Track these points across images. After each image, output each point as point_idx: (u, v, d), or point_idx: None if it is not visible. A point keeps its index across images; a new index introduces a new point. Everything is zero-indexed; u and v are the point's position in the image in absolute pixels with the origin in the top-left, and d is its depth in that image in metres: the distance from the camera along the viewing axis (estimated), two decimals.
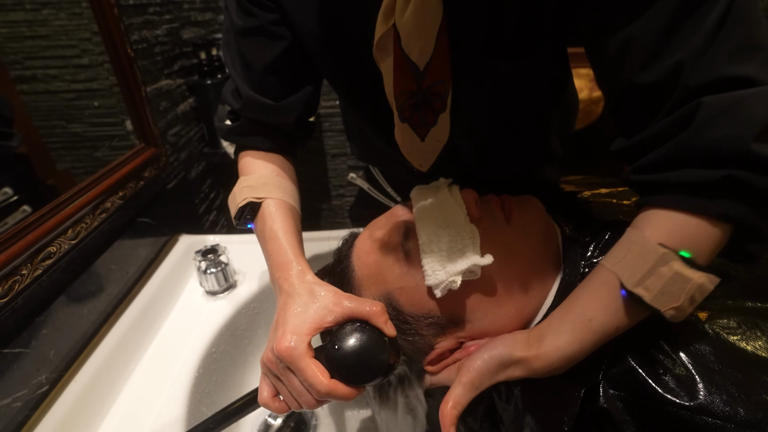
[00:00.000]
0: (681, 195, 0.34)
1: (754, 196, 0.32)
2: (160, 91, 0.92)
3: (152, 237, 0.79)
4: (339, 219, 1.81)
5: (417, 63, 0.38)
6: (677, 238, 0.34)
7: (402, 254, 0.43)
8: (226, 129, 0.57)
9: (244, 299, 0.74)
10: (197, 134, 1.11)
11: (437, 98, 0.41)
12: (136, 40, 0.83)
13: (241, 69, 0.52)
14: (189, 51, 1.07)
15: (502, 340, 0.40)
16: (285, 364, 0.38)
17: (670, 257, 0.33)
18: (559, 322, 0.38)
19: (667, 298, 0.33)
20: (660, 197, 0.35)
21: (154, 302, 0.70)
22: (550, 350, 0.37)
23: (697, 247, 0.34)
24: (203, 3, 1.19)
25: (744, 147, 0.31)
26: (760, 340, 0.36)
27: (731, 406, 0.33)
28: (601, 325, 0.36)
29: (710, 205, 0.33)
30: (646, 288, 0.34)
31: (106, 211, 0.65)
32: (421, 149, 0.45)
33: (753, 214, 0.33)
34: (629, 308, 0.35)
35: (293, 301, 0.41)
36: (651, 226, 0.35)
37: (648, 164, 0.36)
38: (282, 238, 0.47)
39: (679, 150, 0.33)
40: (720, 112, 0.31)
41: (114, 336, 0.62)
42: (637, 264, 0.34)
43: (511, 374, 0.39)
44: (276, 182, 0.53)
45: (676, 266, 0.33)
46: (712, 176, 0.32)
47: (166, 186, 0.87)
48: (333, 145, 1.63)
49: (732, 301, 0.40)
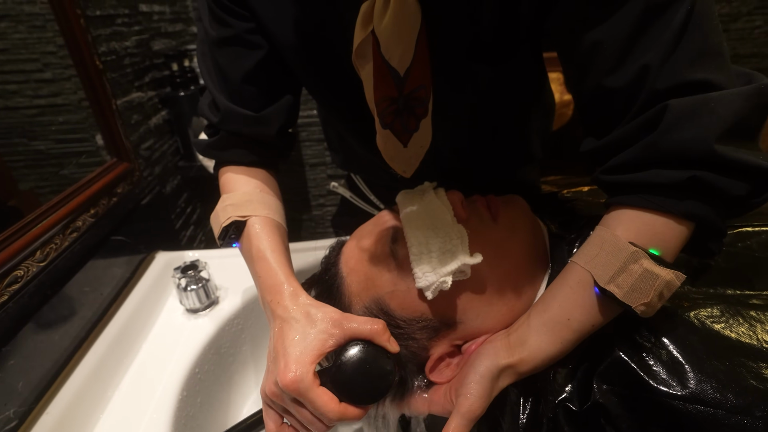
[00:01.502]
0: (649, 195, 0.35)
1: (716, 196, 0.34)
2: (131, 104, 0.89)
3: (127, 255, 0.75)
4: (320, 229, 1.79)
5: (397, 69, 0.38)
6: (646, 236, 0.35)
7: (391, 259, 0.43)
8: (204, 144, 0.54)
9: (227, 316, 0.71)
10: (171, 147, 1.08)
11: (418, 103, 0.41)
12: (104, 52, 0.80)
13: (218, 80, 0.50)
14: (160, 62, 1.04)
15: (484, 354, 0.39)
16: (292, 396, 0.37)
17: (640, 255, 0.34)
18: (539, 323, 0.38)
19: (637, 294, 0.34)
20: (629, 197, 0.37)
21: (131, 324, 0.66)
22: (534, 352, 0.38)
23: (664, 245, 0.35)
24: (174, 14, 1.16)
25: (709, 149, 0.32)
26: (742, 327, 0.37)
27: (721, 393, 0.34)
28: (579, 324, 0.37)
29: (677, 204, 0.35)
30: (618, 285, 0.35)
31: (77, 230, 0.62)
32: (404, 155, 0.45)
33: (714, 213, 0.35)
34: (603, 305, 0.37)
35: (290, 327, 0.39)
36: (621, 225, 0.37)
37: (617, 165, 0.37)
38: (270, 258, 0.45)
39: (646, 151, 0.35)
40: (685, 115, 0.32)
41: (89, 362, 0.58)
42: (609, 262, 0.35)
43: (501, 385, 0.39)
44: (260, 198, 0.51)
45: (646, 264, 0.34)
46: (679, 177, 0.33)
47: (141, 202, 0.84)
48: (311, 154, 1.62)
49: (713, 290, 0.41)
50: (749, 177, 0.33)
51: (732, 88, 0.33)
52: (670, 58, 0.33)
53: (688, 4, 0.32)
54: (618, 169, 0.37)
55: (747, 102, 0.32)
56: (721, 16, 1.41)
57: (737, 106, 0.32)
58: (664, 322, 0.38)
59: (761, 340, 0.35)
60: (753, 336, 0.35)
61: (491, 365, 0.38)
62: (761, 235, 0.43)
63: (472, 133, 0.56)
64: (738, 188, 0.33)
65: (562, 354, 0.38)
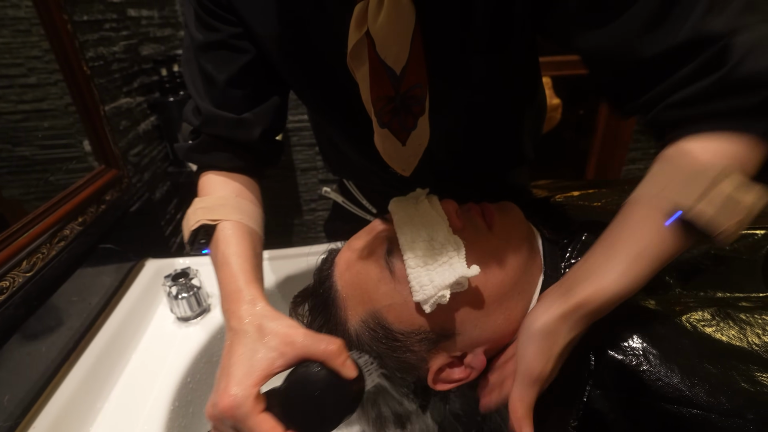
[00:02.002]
0: (719, 120, 0.34)
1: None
2: (119, 110, 0.88)
3: (116, 263, 0.74)
4: (312, 234, 1.79)
5: (393, 68, 0.38)
6: (728, 156, 0.33)
7: (387, 271, 0.42)
8: (186, 148, 0.53)
9: (218, 323, 0.70)
10: (161, 153, 1.07)
11: (415, 102, 0.41)
12: (92, 57, 0.79)
13: (202, 85, 0.49)
14: (149, 68, 1.03)
15: (534, 312, 0.37)
16: (231, 423, 0.33)
17: (731, 170, 0.32)
18: (602, 264, 0.35)
19: (728, 213, 0.32)
20: (700, 125, 0.35)
21: (121, 333, 0.65)
22: (602, 286, 0.34)
23: (745, 167, 0.33)
24: (162, 19, 1.15)
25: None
26: (733, 330, 0.38)
27: (713, 396, 0.34)
28: (655, 254, 0.34)
29: (755, 124, 0.33)
30: (710, 202, 0.32)
31: (64, 239, 0.61)
32: (402, 154, 0.45)
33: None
34: (678, 235, 0.34)
35: (239, 341, 0.36)
36: (688, 154, 0.34)
37: (682, 99, 0.35)
38: (234, 264, 0.43)
39: (717, 85, 0.33)
40: (752, 48, 0.32)
41: (77, 374, 0.57)
42: (689, 185, 0.33)
43: (567, 337, 0.35)
44: (234, 203, 0.49)
45: (738, 179, 0.32)
46: (754, 99, 0.33)
47: (130, 209, 0.83)
48: (302, 159, 1.61)
49: (704, 293, 0.42)
50: None
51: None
52: (717, 6, 0.33)
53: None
54: (688, 102, 0.35)
55: None
56: None
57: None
58: (657, 327, 0.38)
59: (751, 342, 0.36)
60: (743, 339, 0.36)
61: (544, 321, 0.35)
62: (748, 238, 0.44)
63: (467, 132, 0.56)
64: None
65: (633, 291, 0.34)
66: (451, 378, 0.42)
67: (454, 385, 0.42)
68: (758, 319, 0.37)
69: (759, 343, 0.36)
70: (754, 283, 0.40)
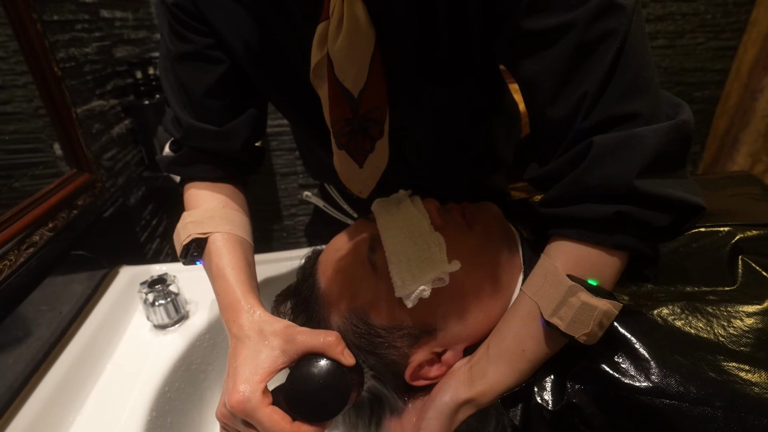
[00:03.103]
0: (582, 228, 0.37)
1: (641, 228, 0.36)
2: (92, 113, 0.85)
3: (89, 271, 0.72)
4: (292, 239, 1.77)
5: (351, 90, 0.38)
6: (584, 267, 0.37)
7: (369, 268, 0.43)
8: (168, 160, 0.53)
9: (197, 330, 0.69)
10: (135, 158, 1.04)
11: (374, 125, 0.41)
12: (62, 59, 0.76)
13: (180, 96, 0.49)
14: (123, 70, 1.00)
15: (445, 389, 0.40)
16: (241, 418, 0.35)
17: (578, 288, 0.36)
18: (497, 355, 0.40)
19: (578, 325, 0.36)
20: (565, 230, 0.39)
21: (94, 343, 0.63)
22: (493, 385, 0.39)
23: (601, 275, 0.37)
24: (137, 21, 1.13)
25: (629, 184, 0.34)
26: (700, 323, 0.39)
27: (684, 386, 0.36)
28: (533, 354, 0.38)
29: (607, 238, 0.36)
30: (560, 318, 0.36)
31: (34, 245, 0.58)
32: (359, 176, 0.45)
33: (642, 243, 0.37)
34: (550, 336, 0.38)
35: (243, 345, 0.38)
36: (561, 256, 0.38)
37: (551, 199, 0.39)
38: (230, 276, 0.44)
39: (574, 186, 0.37)
40: (608, 151, 0.34)
41: (47, 386, 0.55)
42: (551, 294, 0.37)
43: (461, 418, 0.40)
44: (223, 214, 0.49)
45: (583, 297, 0.36)
46: (606, 212, 0.35)
47: (103, 214, 0.80)
48: (282, 164, 1.60)
49: (674, 288, 0.44)
50: (670, 209, 0.35)
51: (659, 121, 0.35)
52: (602, 94, 0.34)
53: (619, 41, 0.33)
54: (552, 203, 0.39)
55: (666, 137, 0.34)
56: (667, 33, 1.51)
57: (656, 141, 0.34)
58: (630, 322, 0.40)
59: (717, 334, 0.38)
60: (710, 331, 0.38)
61: (450, 401, 0.39)
62: (713, 235, 0.47)
63: (437, 147, 0.57)
64: (661, 220, 0.35)
65: (519, 383, 0.39)
66: (428, 375, 0.43)
67: (431, 382, 0.43)
68: (723, 311, 0.39)
69: (724, 335, 0.37)
70: (719, 277, 0.43)
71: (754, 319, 0.38)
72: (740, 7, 1.47)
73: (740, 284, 0.42)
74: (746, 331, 0.37)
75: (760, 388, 0.34)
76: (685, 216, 0.35)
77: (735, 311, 0.39)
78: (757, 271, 0.42)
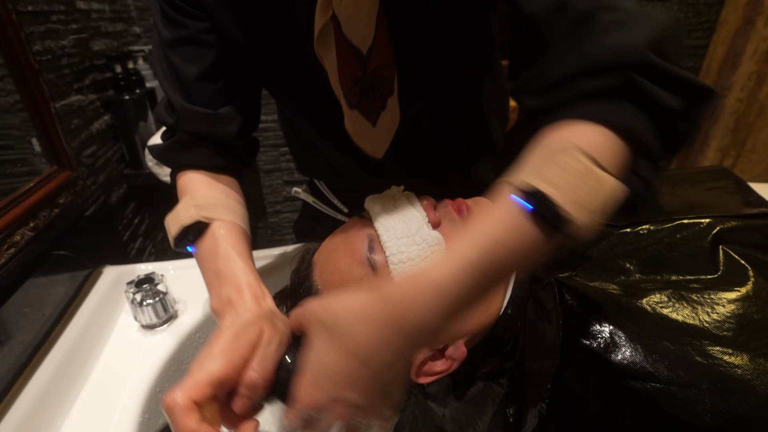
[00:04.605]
0: (581, 106, 0.33)
1: (650, 103, 0.32)
2: (70, 108, 0.82)
3: (71, 271, 0.69)
4: (277, 237, 1.75)
5: (360, 47, 0.39)
6: (583, 143, 0.30)
7: (369, 268, 0.42)
8: (161, 148, 0.51)
9: (187, 329, 0.67)
10: (116, 154, 1.01)
11: (383, 82, 0.42)
12: (39, 51, 0.73)
13: (173, 81, 0.48)
14: (101, 64, 0.97)
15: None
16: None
17: (575, 149, 0.29)
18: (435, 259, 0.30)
19: (572, 191, 0.27)
20: (562, 112, 0.33)
21: (79, 345, 0.61)
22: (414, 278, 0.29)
23: (600, 156, 0.30)
24: (114, 13, 1.09)
25: (641, 52, 0.31)
26: (686, 310, 0.41)
27: (673, 370, 0.37)
28: (494, 242, 0.28)
29: (612, 112, 0.31)
30: (549, 181, 0.28)
31: (14, 246, 0.56)
32: (373, 135, 0.46)
33: (648, 125, 0.32)
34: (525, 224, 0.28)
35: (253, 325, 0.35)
36: (552, 136, 0.32)
37: (547, 84, 0.35)
38: (239, 259, 0.43)
39: (579, 62, 0.32)
40: (615, 23, 0.32)
41: (32, 391, 0.53)
42: (533, 161, 0.30)
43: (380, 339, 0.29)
44: (225, 204, 0.48)
45: (584, 160, 0.28)
46: (613, 82, 0.31)
47: (84, 213, 0.78)
48: (266, 160, 1.58)
49: (660, 277, 0.45)
50: (680, 89, 0.32)
51: None
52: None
53: None
54: (549, 88, 0.35)
55: (666, 22, 0.33)
56: None
57: (660, 23, 0.32)
58: (621, 311, 0.41)
59: (702, 320, 0.40)
60: (696, 317, 0.40)
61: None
62: (695, 226, 0.49)
63: (435, 117, 0.57)
64: (670, 100, 0.31)
65: (465, 289, 0.28)
66: (433, 370, 0.43)
67: (436, 377, 0.43)
68: (707, 298, 0.41)
69: (709, 320, 0.39)
70: (702, 266, 0.44)
71: (735, 305, 0.40)
72: (710, 7, 1.53)
73: (722, 272, 0.44)
74: (728, 317, 0.39)
75: (742, 370, 0.36)
76: (695, 99, 0.32)
77: (718, 298, 0.41)
78: (736, 259, 0.45)
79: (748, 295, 0.40)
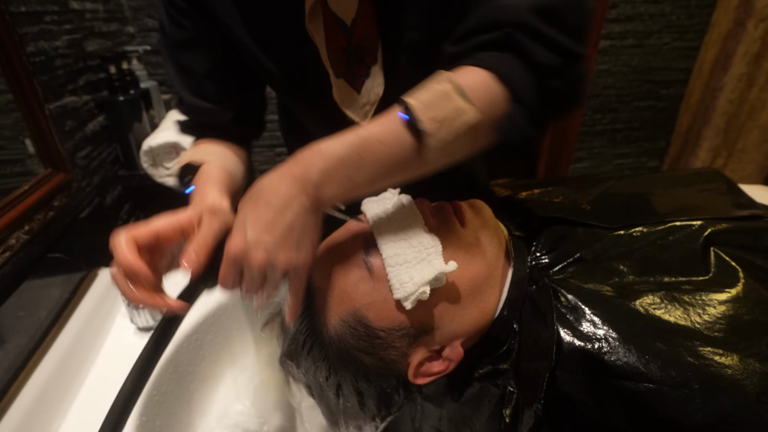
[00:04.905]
0: (474, 55, 0.39)
1: (528, 58, 0.37)
2: (64, 109, 0.81)
3: (67, 274, 0.69)
4: None
5: (344, 18, 0.44)
6: (461, 79, 0.37)
7: (366, 270, 0.43)
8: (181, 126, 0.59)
9: (184, 331, 0.67)
10: (111, 156, 1.01)
11: (367, 52, 0.46)
12: (32, 52, 0.73)
13: (181, 79, 0.54)
14: (95, 65, 0.97)
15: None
16: None
17: (447, 79, 0.37)
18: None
19: (431, 110, 0.36)
20: (461, 59, 0.40)
21: (75, 348, 0.61)
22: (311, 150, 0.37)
23: (470, 90, 0.37)
24: (108, 13, 1.08)
25: (519, 11, 0.37)
26: (678, 311, 0.42)
27: (665, 371, 0.38)
28: (370, 133, 0.37)
29: (491, 59, 0.38)
30: (417, 98, 0.36)
31: (10, 249, 0.56)
32: (358, 102, 0.50)
33: (523, 75, 0.38)
34: (397, 127, 0.37)
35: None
36: (441, 74, 0.39)
37: (457, 36, 0.41)
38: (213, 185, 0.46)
39: (477, 19, 0.39)
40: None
41: (28, 395, 0.53)
42: (420, 90, 0.38)
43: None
44: (222, 154, 0.53)
45: (449, 87, 0.36)
46: (497, 35, 0.38)
47: (79, 215, 0.78)
48: (261, 160, 1.58)
49: (653, 278, 0.46)
50: (556, 49, 0.37)
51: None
52: None
53: None
54: (459, 40, 0.41)
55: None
56: (636, 32, 1.57)
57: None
58: (614, 312, 0.42)
59: (694, 321, 0.40)
60: (687, 318, 0.40)
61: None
62: (687, 228, 0.49)
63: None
64: (546, 57, 0.37)
65: (344, 166, 0.36)
66: (431, 371, 0.43)
67: (433, 378, 0.44)
68: (699, 300, 0.41)
69: (700, 321, 0.40)
70: (694, 268, 0.45)
71: (726, 306, 0.41)
72: (702, 9, 1.55)
73: (713, 274, 0.44)
74: (719, 318, 0.40)
75: (732, 370, 0.37)
76: (569, 62, 0.38)
77: (709, 299, 0.41)
78: (727, 261, 0.45)
79: (739, 297, 0.41)
